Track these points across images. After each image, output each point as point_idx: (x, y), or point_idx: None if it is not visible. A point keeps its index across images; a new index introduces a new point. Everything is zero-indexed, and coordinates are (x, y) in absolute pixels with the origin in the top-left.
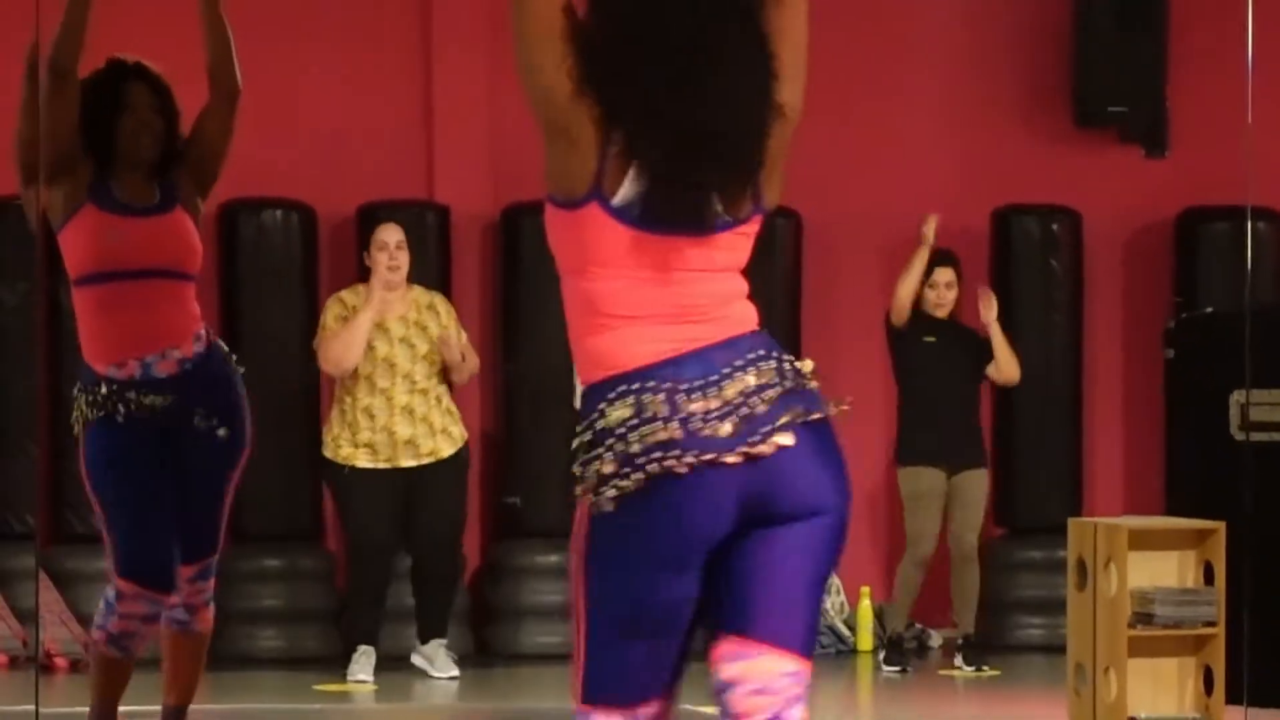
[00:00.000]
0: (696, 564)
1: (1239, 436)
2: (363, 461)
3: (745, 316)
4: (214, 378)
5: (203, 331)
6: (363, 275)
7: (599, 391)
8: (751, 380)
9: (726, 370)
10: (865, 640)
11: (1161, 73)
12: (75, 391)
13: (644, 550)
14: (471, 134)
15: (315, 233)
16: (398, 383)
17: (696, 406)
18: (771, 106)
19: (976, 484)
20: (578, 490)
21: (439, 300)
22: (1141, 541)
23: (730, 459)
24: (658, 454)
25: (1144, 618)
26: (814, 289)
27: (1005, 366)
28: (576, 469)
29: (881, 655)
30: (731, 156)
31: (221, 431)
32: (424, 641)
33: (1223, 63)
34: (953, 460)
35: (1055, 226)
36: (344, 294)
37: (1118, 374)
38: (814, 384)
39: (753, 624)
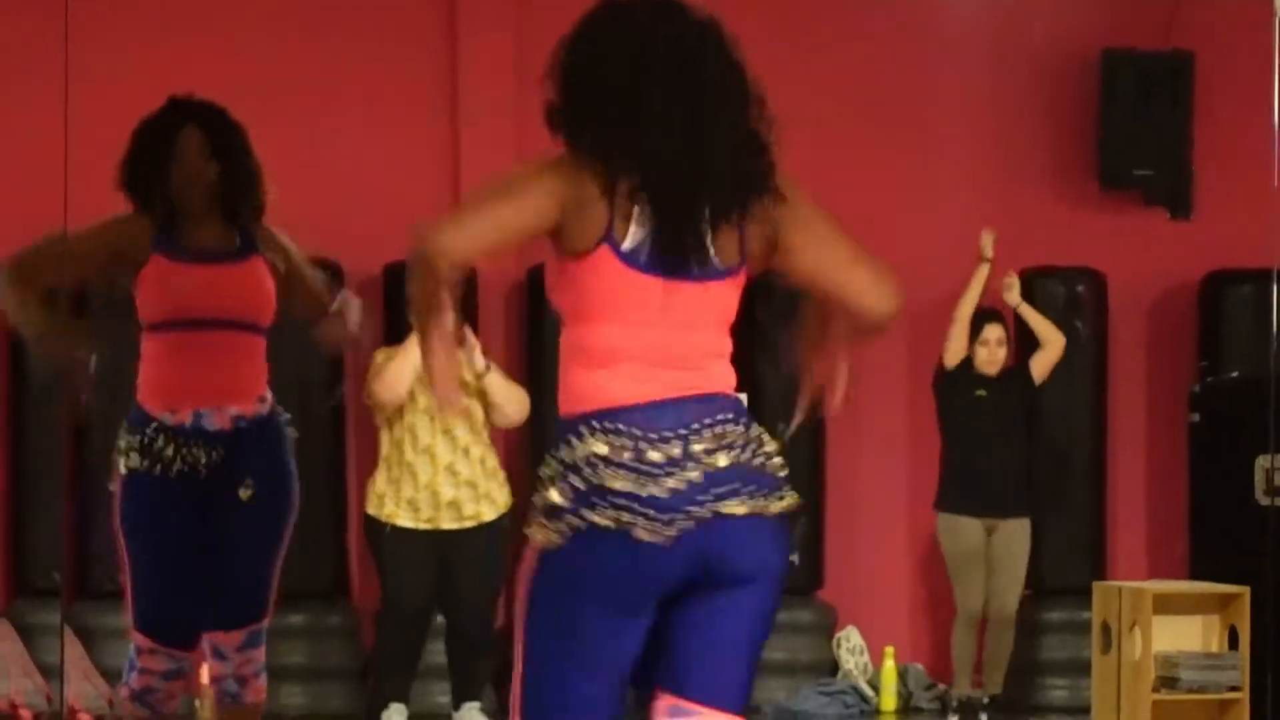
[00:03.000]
0: (640, 611)
1: (1264, 501)
2: (404, 520)
3: (725, 376)
4: (267, 441)
5: (267, 394)
6: (391, 330)
7: (571, 424)
8: (716, 440)
9: (696, 426)
10: (889, 700)
11: (1186, 135)
12: (120, 433)
13: (585, 592)
14: None
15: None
16: (439, 438)
17: (659, 456)
18: (762, 149)
19: (1019, 536)
20: (531, 520)
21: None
22: (1166, 605)
23: (680, 524)
24: (612, 500)
25: (1168, 682)
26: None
27: (1048, 344)
28: (535, 498)
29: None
30: (729, 195)
31: (245, 493)
32: (457, 705)
33: (1248, 125)
34: (994, 511)
35: (1080, 288)
36: (389, 349)
37: (1141, 437)
38: (779, 461)
39: (691, 685)
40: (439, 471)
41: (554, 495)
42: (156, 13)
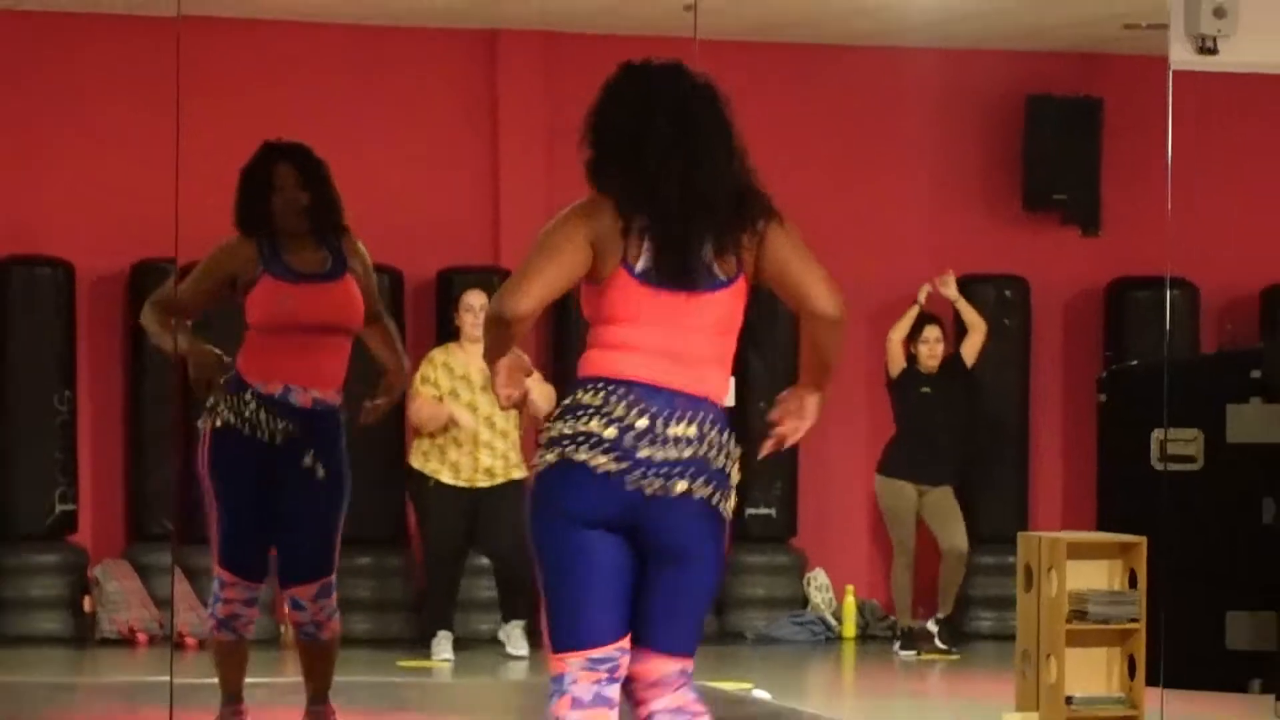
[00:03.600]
0: (600, 526)
1: (1159, 467)
2: (445, 478)
3: (717, 385)
4: (332, 429)
5: (339, 391)
6: (442, 327)
7: (579, 383)
8: (690, 432)
9: (676, 414)
10: (849, 629)
11: (1096, 166)
12: (217, 394)
13: (560, 502)
14: (531, 210)
15: (401, 291)
16: (481, 424)
17: (640, 423)
18: (746, 187)
19: (948, 498)
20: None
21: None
22: (1078, 552)
23: (629, 475)
24: (588, 439)
25: (1079, 614)
26: None
27: (973, 328)
28: (540, 435)
29: (897, 644)
30: (719, 225)
31: (320, 473)
32: (505, 621)
33: (1147, 158)
34: (924, 480)
35: (1008, 292)
36: (436, 352)
37: (1059, 414)
38: (734, 470)
39: (642, 634)
40: (479, 446)
41: (550, 431)
42: (257, 59)
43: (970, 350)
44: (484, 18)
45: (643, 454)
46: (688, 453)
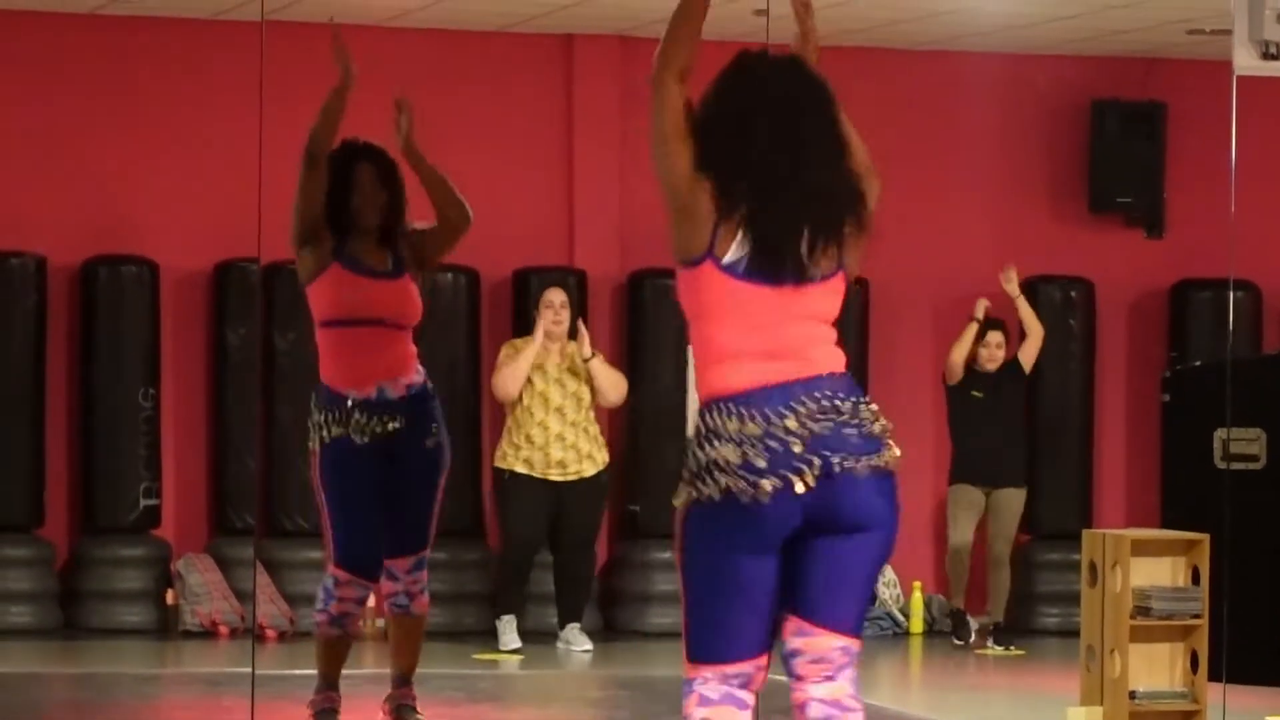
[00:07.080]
0: (769, 551)
1: (1221, 466)
2: (520, 469)
3: (829, 359)
4: (430, 402)
5: (420, 366)
6: (517, 325)
7: (707, 408)
8: (816, 413)
9: (795, 404)
10: (917, 624)
11: (1161, 169)
12: (315, 412)
13: (724, 538)
14: (605, 212)
15: (479, 290)
16: (551, 414)
17: (756, 430)
18: (850, 186)
19: (1013, 501)
20: (681, 485)
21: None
22: (1142, 549)
23: (775, 485)
24: (723, 469)
25: (1143, 610)
26: (880, 340)
27: (1032, 335)
28: (684, 469)
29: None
30: (821, 222)
31: (430, 443)
32: (562, 626)
33: (1211, 160)
34: (992, 483)
35: (1073, 293)
36: (515, 340)
37: (1123, 413)
38: (880, 425)
39: (813, 611)
40: (551, 439)
41: (688, 464)
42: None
43: (1028, 356)
44: (560, 22)
45: (774, 458)
46: (819, 429)
